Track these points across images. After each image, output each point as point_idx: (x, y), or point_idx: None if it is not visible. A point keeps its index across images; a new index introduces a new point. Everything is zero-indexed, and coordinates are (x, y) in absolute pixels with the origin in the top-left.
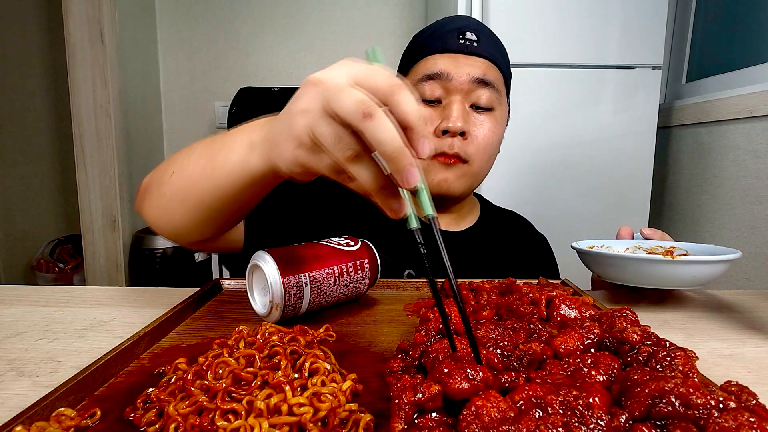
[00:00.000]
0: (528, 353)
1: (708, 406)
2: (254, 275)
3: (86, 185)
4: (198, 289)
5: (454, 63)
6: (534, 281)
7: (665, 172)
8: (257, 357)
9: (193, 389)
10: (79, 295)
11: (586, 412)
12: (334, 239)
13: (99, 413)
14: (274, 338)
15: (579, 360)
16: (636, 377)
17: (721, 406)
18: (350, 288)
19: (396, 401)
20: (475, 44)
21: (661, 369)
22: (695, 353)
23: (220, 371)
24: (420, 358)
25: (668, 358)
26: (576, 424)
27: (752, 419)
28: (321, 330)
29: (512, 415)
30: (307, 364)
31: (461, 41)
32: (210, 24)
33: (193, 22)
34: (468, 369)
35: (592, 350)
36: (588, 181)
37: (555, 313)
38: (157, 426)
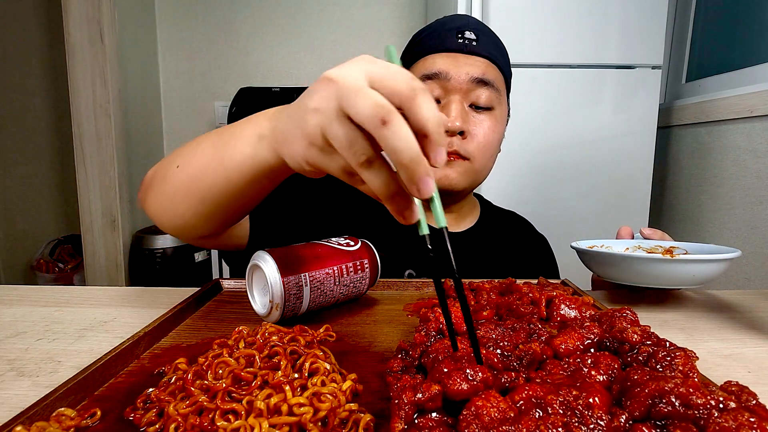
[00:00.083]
0: (528, 353)
1: (708, 406)
2: (254, 275)
3: (86, 185)
4: (198, 289)
5: (453, 62)
6: (534, 281)
7: (665, 172)
8: (257, 357)
9: (193, 389)
10: (79, 295)
11: (586, 412)
12: (334, 239)
13: (99, 413)
14: (274, 338)
15: (579, 360)
16: (636, 377)
17: (721, 406)
18: (350, 288)
19: (396, 401)
20: (474, 43)
21: (661, 369)
22: (695, 353)
23: (220, 371)
24: (420, 358)
25: (668, 358)
26: (576, 424)
27: (752, 419)
28: (321, 330)
29: (512, 415)
30: (307, 364)
31: (460, 40)
32: (210, 24)
33: (193, 22)
34: (468, 369)
35: (592, 350)
36: (588, 181)
37: (555, 313)
38: (157, 426)
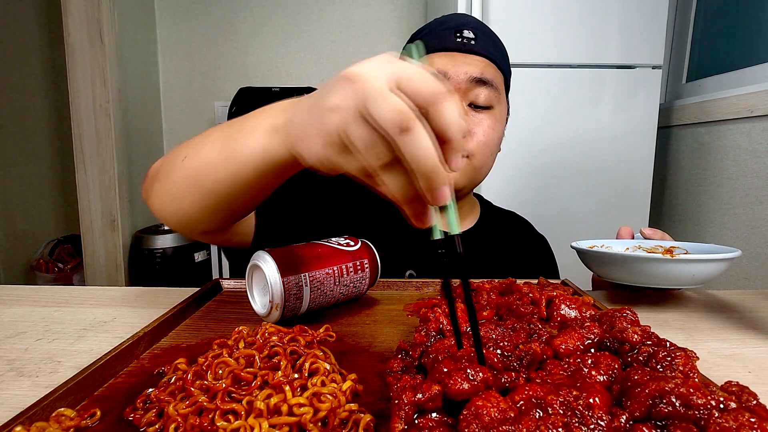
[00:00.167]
0: (528, 353)
1: (708, 407)
2: (254, 275)
3: (86, 185)
4: (198, 289)
5: (452, 62)
6: (534, 281)
7: (665, 172)
8: (257, 357)
9: (193, 389)
10: (79, 295)
11: (587, 413)
12: (334, 239)
13: (99, 413)
14: (274, 338)
15: (579, 360)
16: (636, 377)
17: (722, 407)
18: (350, 288)
19: (396, 401)
20: (473, 42)
21: (662, 369)
22: (695, 353)
23: (220, 371)
24: (420, 358)
25: (668, 359)
26: (576, 425)
27: (753, 419)
28: (321, 330)
29: (512, 416)
30: (307, 365)
31: (459, 39)
32: (209, 24)
33: (193, 22)
34: (468, 369)
35: (592, 350)
36: (588, 181)
37: (555, 313)
38: (157, 426)
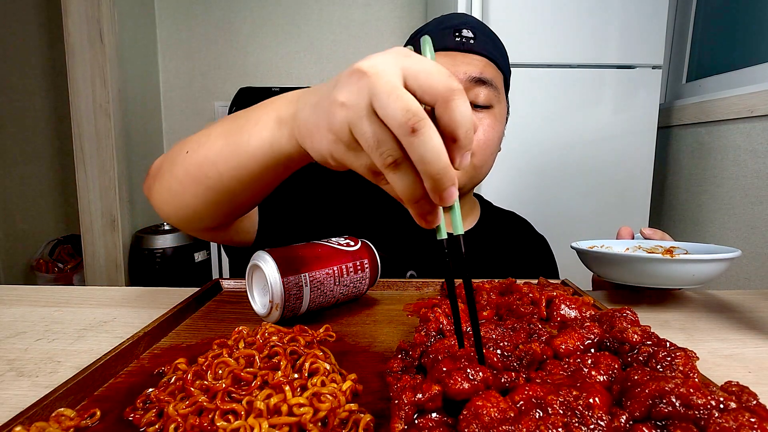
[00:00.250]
0: (528, 353)
1: (708, 407)
2: (254, 275)
3: (86, 185)
4: (198, 289)
5: (451, 62)
6: (534, 281)
7: (665, 172)
8: (257, 357)
9: (193, 389)
10: (79, 295)
11: (587, 413)
12: (334, 239)
13: (99, 413)
14: (274, 338)
15: (579, 360)
16: (636, 377)
17: (722, 407)
18: (350, 288)
19: (396, 401)
20: (472, 42)
21: (662, 369)
22: (695, 353)
23: (220, 371)
24: (420, 358)
25: (668, 359)
26: (576, 425)
27: (753, 419)
28: (321, 330)
29: (512, 416)
30: (307, 365)
31: (458, 39)
32: (209, 24)
33: (193, 22)
34: (468, 369)
35: (592, 350)
36: (588, 181)
37: (555, 313)
38: (157, 426)
